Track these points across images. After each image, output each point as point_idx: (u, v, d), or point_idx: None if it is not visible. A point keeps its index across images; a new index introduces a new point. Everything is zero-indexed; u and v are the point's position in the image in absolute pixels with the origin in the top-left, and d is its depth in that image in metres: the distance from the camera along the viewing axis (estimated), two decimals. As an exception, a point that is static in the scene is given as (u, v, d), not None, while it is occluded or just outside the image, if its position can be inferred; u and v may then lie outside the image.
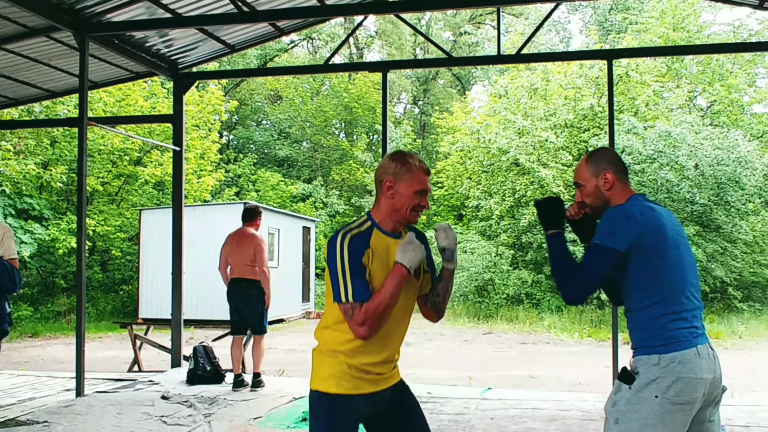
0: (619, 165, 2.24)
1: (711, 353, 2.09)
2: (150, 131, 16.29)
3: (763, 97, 18.90)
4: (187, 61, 7.38)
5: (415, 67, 24.78)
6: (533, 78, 16.94)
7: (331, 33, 25.90)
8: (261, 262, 5.89)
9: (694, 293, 2.13)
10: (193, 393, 5.76)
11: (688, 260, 2.16)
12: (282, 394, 5.76)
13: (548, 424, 4.78)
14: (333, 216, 22.21)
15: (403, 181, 2.11)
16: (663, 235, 2.10)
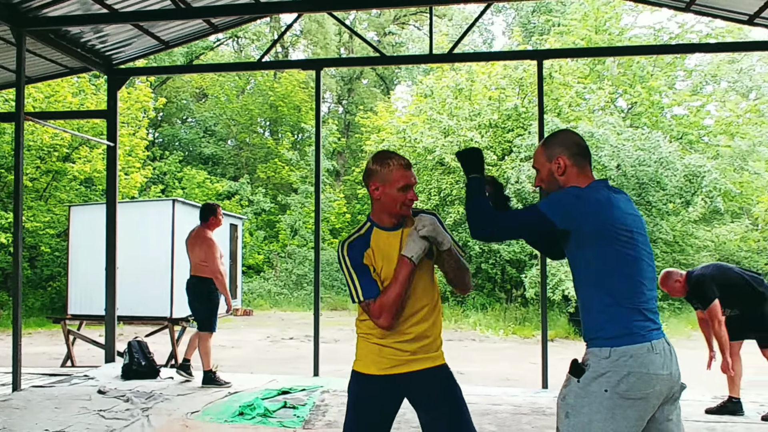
0: (574, 149, 2.15)
1: (667, 348, 2.03)
2: (78, 127, 15.78)
3: (682, 99, 19.69)
4: (121, 57, 7.28)
5: (349, 65, 24.95)
6: (458, 78, 17.16)
7: (257, 32, 25.65)
8: (209, 262, 5.91)
9: (650, 287, 2.06)
10: (129, 388, 5.78)
11: (646, 253, 2.07)
12: (217, 389, 5.83)
13: (481, 418, 4.84)
14: (259, 214, 22.03)
15: (387, 182, 2.24)
16: (619, 225, 2.02)
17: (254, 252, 20.53)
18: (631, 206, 2.13)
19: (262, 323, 14.52)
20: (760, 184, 20.89)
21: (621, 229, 2.02)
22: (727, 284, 4.87)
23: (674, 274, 5.07)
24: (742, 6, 6.07)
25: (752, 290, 4.90)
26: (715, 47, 12.53)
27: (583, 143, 2.20)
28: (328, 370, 7.18)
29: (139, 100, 17.16)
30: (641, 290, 2.03)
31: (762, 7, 5.81)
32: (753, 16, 6.07)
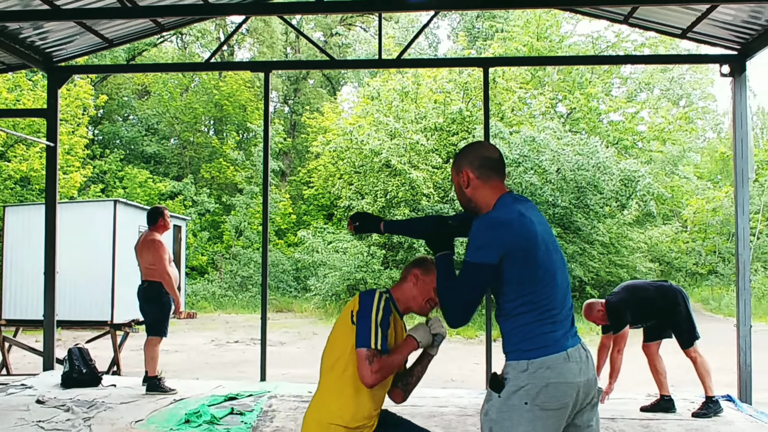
0: (480, 161, 2.10)
1: (583, 355, 2.05)
2: (14, 125, 14.98)
3: (618, 106, 20.53)
4: (62, 55, 6.96)
5: (298, 68, 24.69)
6: (405, 81, 17.32)
7: (202, 29, 25.06)
8: (157, 264, 5.80)
9: (565, 295, 2.08)
10: (70, 396, 5.53)
11: (559, 262, 2.09)
12: (162, 396, 5.66)
13: (428, 420, 4.88)
14: (203, 214, 21.53)
15: (426, 285, 2.49)
16: (533, 240, 2.01)
17: (198, 253, 20.05)
18: (537, 215, 2.12)
19: (206, 326, 14.19)
20: (689, 188, 22.09)
21: (536, 244, 2.02)
22: (641, 303, 5.08)
23: (595, 305, 5.19)
24: (676, 21, 6.41)
25: (664, 300, 5.13)
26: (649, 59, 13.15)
27: (493, 155, 2.15)
28: (275, 373, 7.11)
29: (79, 97, 16.56)
30: (557, 300, 2.04)
31: (694, 22, 6.16)
32: (685, 30, 6.42)
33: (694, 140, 22.86)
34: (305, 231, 18.87)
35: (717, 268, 21.64)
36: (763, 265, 19.76)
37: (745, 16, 5.80)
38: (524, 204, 2.10)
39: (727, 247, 20.94)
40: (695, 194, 22.05)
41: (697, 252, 22.06)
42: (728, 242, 20.82)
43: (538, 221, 2.08)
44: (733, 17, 5.90)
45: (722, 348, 10.47)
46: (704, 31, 6.36)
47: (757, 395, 6.00)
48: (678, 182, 20.82)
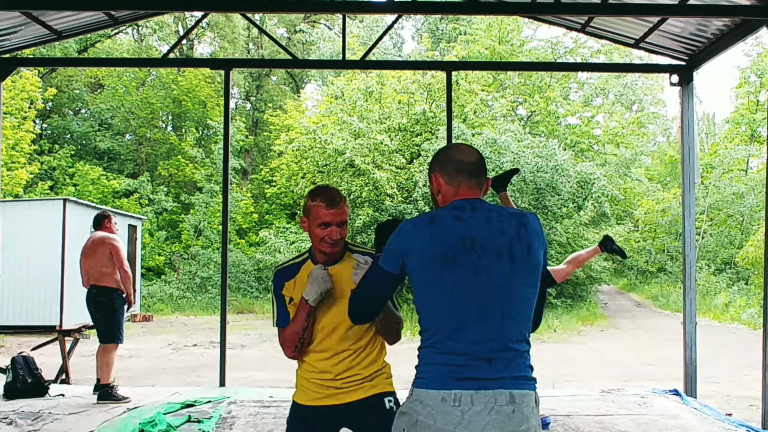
0: (448, 165, 1.88)
1: (487, 405, 1.66)
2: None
3: (575, 110, 21.20)
4: (6, 46, 6.60)
5: (259, 66, 24.33)
6: (369, 81, 17.35)
7: (159, 21, 24.37)
8: (119, 263, 5.67)
9: (481, 319, 1.71)
10: (13, 408, 5.27)
11: (486, 285, 1.72)
12: (114, 405, 5.47)
13: (392, 421, 5.03)
14: (160, 213, 21.01)
15: (310, 219, 2.24)
16: (438, 253, 1.73)
17: (155, 253, 19.55)
18: (475, 227, 1.77)
19: (163, 329, 13.85)
20: (641, 190, 22.86)
21: (439, 257, 1.73)
22: None
23: None
24: (629, 31, 6.63)
25: None
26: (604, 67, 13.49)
27: (466, 158, 1.89)
28: (235, 378, 7.00)
29: (25, 89, 15.79)
30: (466, 328, 1.71)
31: (646, 33, 6.38)
32: (638, 40, 6.65)
33: (645, 144, 23.70)
34: (267, 230, 18.67)
35: (666, 266, 22.49)
36: (707, 263, 20.62)
37: (693, 29, 6.03)
38: (472, 212, 1.79)
39: (675, 246, 21.77)
40: (646, 195, 22.84)
41: (648, 251, 22.85)
42: (676, 241, 21.64)
43: (460, 234, 1.75)
44: (681, 29, 6.12)
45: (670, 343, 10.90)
46: (655, 42, 6.59)
47: (702, 387, 6.26)
48: (630, 184, 21.52)
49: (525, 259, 1.76)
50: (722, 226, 22.02)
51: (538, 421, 1.76)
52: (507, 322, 1.73)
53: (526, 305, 1.78)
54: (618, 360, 9.89)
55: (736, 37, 5.78)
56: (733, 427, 4.88)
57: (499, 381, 1.69)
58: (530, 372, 1.78)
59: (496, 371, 1.70)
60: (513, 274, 1.74)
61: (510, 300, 1.74)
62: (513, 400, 1.68)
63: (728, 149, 22.76)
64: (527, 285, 1.77)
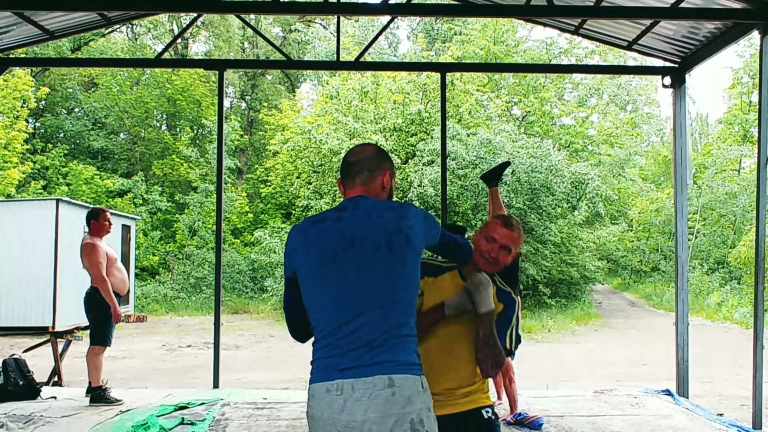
0: (341, 169, 2.02)
1: (362, 389, 1.75)
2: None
3: (570, 110, 21.22)
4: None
5: (253, 67, 24.31)
6: (364, 81, 17.33)
7: (153, 20, 24.26)
8: (92, 271, 5.59)
9: (359, 316, 1.81)
10: (5, 411, 5.22)
11: (361, 277, 1.82)
12: (106, 407, 5.45)
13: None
14: (154, 213, 20.93)
15: (483, 230, 2.28)
16: (318, 253, 1.85)
17: (149, 253, 19.48)
18: (351, 220, 1.89)
19: (157, 330, 13.81)
20: (635, 190, 22.94)
21: (316, 256, 1.86)
22: None
23: None
24: (622, 33, 6.66)
25: None
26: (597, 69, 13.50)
27: (348, 159, 2.01)
28: (229, 379, 6.99)
29: (17, 88, 15.69)
30: (342, 324, 1.81)
31: (639, 35, 6.41)
32: (631, 42, 6.68)
33: (639, 144, 23.78)
34: (262, 230, 18.63)
35: (659, 265, 22.60)
36: (700, 263, 20.73)
37: (685, 32, 6.07)
38: (352, 209, 1.91)
39: (669, 246, 21.89)
40: (640, 195, 22.93)
41: (642, 250, 22.93)
42: (670, 241, 21.76)
43: (335, 233, 1.87)
44: (674, 32, 6.16)
45: (663, 342, 10.94)
46: (648, 44, 6.62)
47: (694, 386, 6.31)
48: (624, 184, 21.60)
49: (404, 250, 1.85)
50: (715, 226, 22.14)
51: (425, 404, 1.82)
52: (388, 311, 1.82)
53: (407, 293, 1.87)
54: (611, 360, 9.92)
55: (728, 40, 5.82)
56: (724, 427, 4.91)
57: (379, 366, 1.77)
58: (415, 357, 1.85)
59: (376, 357, 1.78)
60: (392, 264, 1.83)
61: (390, 289, 1.83)
62: (392, 384, 1.76)
63: (721, 149, 22.87)
64: (408, 274, 1.86)
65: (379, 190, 1.99)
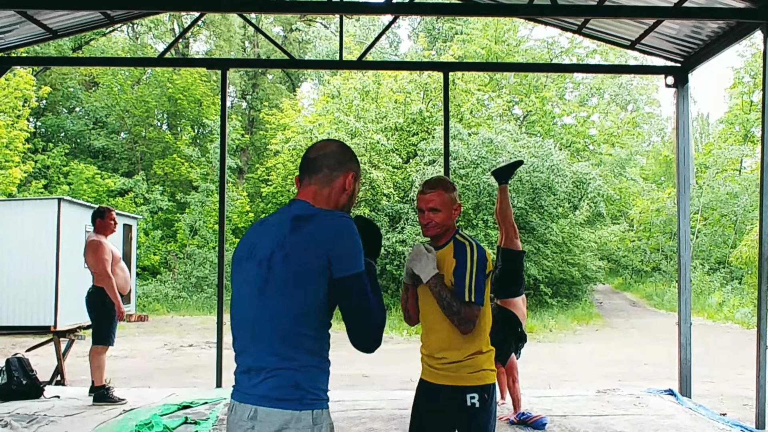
0: (301, 165, 1.86)
1: (237, 414, 1.69)
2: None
3: (571, 110, 21.23)
4: (0, 45, 6.59)
5: (256, 66, 24.21)
6: (365, 80, 17.32)
7: (154, 20, 24.26)
8: (94, 266, 5.63)
9: (238, 339, 1.73)
10: (8, 410, 5.20)
11: (244, 294, 1.72)
12: (110, 406, 5.45)
13: (387, 423, 4.93)
14: (155, 212, 20.93)
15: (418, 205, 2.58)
16: (234, 260, 1.79)
17: (150, 253, 19.48)
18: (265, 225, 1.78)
19: (158, 329, 13.82)
20: (636, 189, 22.93)
21: (235, 261, 1.77)
22: None
23: None
24: (625, 33, 6.66)
25: None
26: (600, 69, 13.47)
27: (310, 154, 1.84)
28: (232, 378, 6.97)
29: (19, 87, 15.68)
30: (237, 336, 1.75)
31: (642, 34, 6.41)
32: (634, 42, 6.68)
33: (640, 144, 23.78)
34: (263, 230, 18.61)
35: (660, 265, 22.59)
36: (701, 263, 20.72)
37: (688, 31, 6.07)
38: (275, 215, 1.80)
39: (670, 246, 21.87)
40: (641, 195, 22.93)
41: (642, 250, 22.91)
42: (671, 241, 21.74)
43: (258, 236, 1.76)
44: (677, 31, 6.15)
45: (664, 342, 10.94)
46: (651, 44, 6.62)
47: (696, 386, 6.31)
48: (625, 184, 21.60)
49: (281, 268, 1.65)
50: (716, 226, 22.14)
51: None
52: (258, 337, 1.68)
53: (284, 318, 1.65)
54: (613, 360, 9.92)
55: (730, 40, 5.82)
56: (727, 427, 4.91)
57: (249, 396, 1.67)
58: (286, 392, 1.64)
59: (250, 386, 1.68)
60: (267, 284, 1.67)
61: (263, 312, 1.66)
62: (255, 417, 1.65)
63: (722, 149, 22.87)
64: (285, 295, 1.64)
65: (339, 191, 1.79)
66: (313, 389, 1.68)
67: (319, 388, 1.70)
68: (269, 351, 1.67)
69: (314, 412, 1.67)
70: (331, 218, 1.70)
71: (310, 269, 1.64)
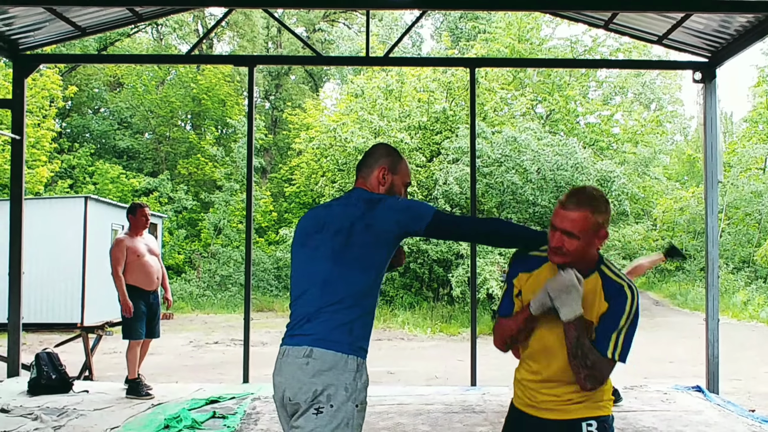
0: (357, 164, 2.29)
1: (291, 354, 1.98)
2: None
3: (594, 108, 21.01)
4: (29, 42, 6.67)
5: (283, 63, 24.44)
6: (389, 79, 17.32)
7: (179, 20, 24.58)
8: (111, 263, 5.76)
9: (303, 290, 2.07)
10: (38, 404, 5.28)
11: (305, 255, 2.11)
12: (139, 401, 5.53)
13: (415, 418, 4.95)
14: (180, 212, 21.21)
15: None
16: (298, 234, 2.19)
17: (174, 252, 19.74)
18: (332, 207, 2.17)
19: (183, 327, 13.98)
20: (659, 188, 22.66)
21: (297, 234, 2.20)
22: None
23: None
24: (652, 28, 6.57)
25: None
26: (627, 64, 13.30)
27: (364, 156, 2.30)
28: (257, 375, 7.03)
29: (46, 87, 15.98)
30: (294, 291, 2.12)
31: (669, 30, 6.32)
32: (661, 37, 6.58)
33: (664, 143, 23.45)
34: (287, 229, 18.74)
35: (684, 264, 22.29)
36: (725, 262, 20.40)
37: (716, 26, 5.97)
38: (341, 199, 2.20)
39: (694, 245, 21.55)
40: (665, 194, 22.63)
41: (666, 249, 22.60)
42: (694, 240, 21.40)
43: (317, 218, 2.16)
44: (704, 26, 6.06)
45: (689, 341, 10.77)
46: (678, 39, 6.52)
47: (722, 384, 6.23)
48: (649, 182, 21.36)
49: (362, 236, 2.01)
50: (740, 225, 21.81)
51: (340, 382, 1.92)
52: (325, 289, 2.00)
53: (357, 275, 2.00)
54: (638, 357, 9.70)
55: (758, 34, 5.73)
56: (757, 423, 4.85)
57: (307, 338, 1.97)
58: (341, 335, 1.95)
59: (309, 329, 1.98)
60: (345, 248, 2.01)
61: (333, 270, 2.00)
62: (310, 355, 1.95)
63: (746, 148, 22.50)
64: (362, 257, 2.01)
65: (375, 183, 2.20)
66: (361, 339, 2.00)
67: (365, 339, 2.02)
68: (331, 301, 1.98)
69: (358, 359, 1.98)
70: (394, 200, 2.12)
71: (389, 235, 2.03)
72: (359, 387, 1.96)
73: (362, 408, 1.97)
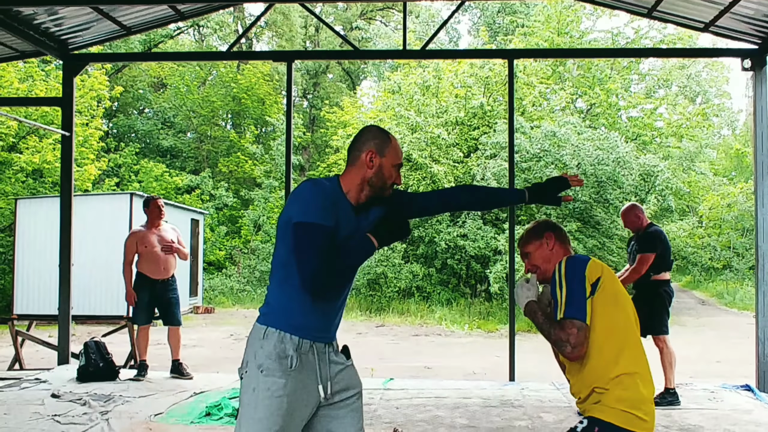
0: None
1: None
2: (25, 116, 14.97)
3: (637, 102, 20.43)
4: (78, 42, 6.93)
5: (322, 58, 24.63)
6: (426, 75, 17.24)
7: (219, 21, 25.13)
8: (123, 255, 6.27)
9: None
10: (86, 390, 5.50)
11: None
12: (182, 389, 5.67)
13: (452, 411, 4.95)
14: (221, 208, 21.67)
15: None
16: None
17: (215, 248, 20.17)
18: None
19: (224, 321, 14.28)
20: (706, 183, 21.87)
21: None
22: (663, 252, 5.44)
23: (638, 209, 5.56)
24: (698, 14, 6.33)
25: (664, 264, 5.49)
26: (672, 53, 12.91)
27: None
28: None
29: (93, 88, 16.51)
30: None
31: (717, 16, 6.07)
32: (708, 24, 6.34)
33: (710, 137, 22.61)
34: (323, 225, 18.90)
35: (732, 262, 21.49)
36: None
37: (766, 10, 5.70)
38: None
39: (742, 243, 20.76)
40: (711, 190, 21.87)
41: (713, 247, 21.90)
42: (742, 237, 20.62)
43: None
44: (755, 11, 5.81)
45: (737, 341, 10.37)
46: (726, 25, 6.28)
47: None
48: (695, 178, 20.64)
49: (282, 225, 2.05)
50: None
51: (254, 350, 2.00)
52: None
53: (276, 260, 2.07)
54: (684, 357, 9.48)
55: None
56: (811, 426, 4.63)
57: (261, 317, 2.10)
58: (262, 308, 2.08)
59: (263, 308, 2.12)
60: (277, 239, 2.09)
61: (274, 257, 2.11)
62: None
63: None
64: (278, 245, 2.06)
65: (364, 168, 2.10)
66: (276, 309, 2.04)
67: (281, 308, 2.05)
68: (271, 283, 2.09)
69: (268, 328, 2.02)
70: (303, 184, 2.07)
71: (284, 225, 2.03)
72: (263, 354, 1.97)
73: (268, 373, 1.95)
